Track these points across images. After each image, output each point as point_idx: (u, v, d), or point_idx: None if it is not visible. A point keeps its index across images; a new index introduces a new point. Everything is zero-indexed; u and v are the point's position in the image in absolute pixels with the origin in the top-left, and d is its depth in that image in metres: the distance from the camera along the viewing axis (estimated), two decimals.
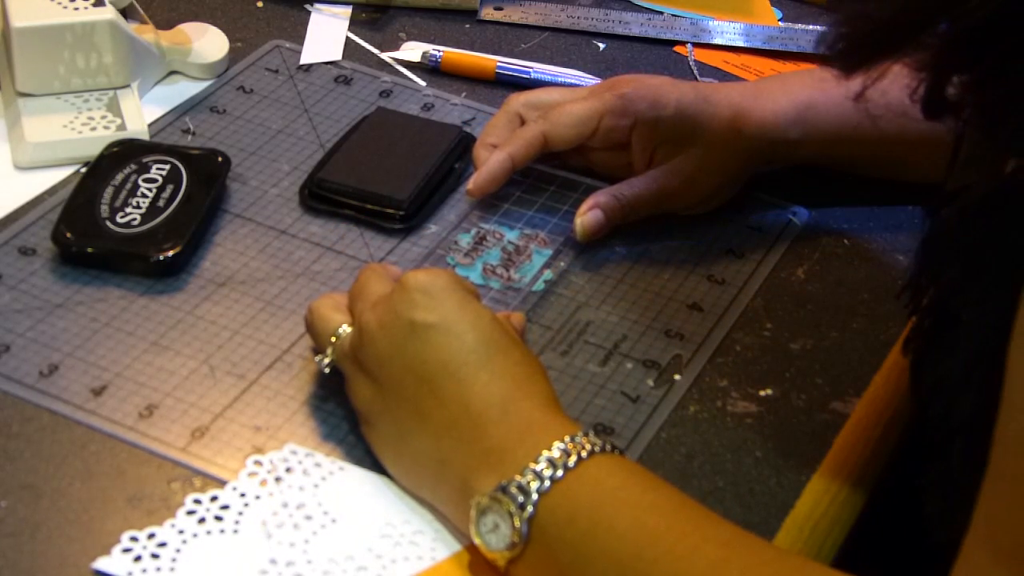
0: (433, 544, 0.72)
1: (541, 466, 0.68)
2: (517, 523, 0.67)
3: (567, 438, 0.69)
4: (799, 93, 0.93)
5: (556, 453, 0.68)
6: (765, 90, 0.94)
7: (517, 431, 0.70)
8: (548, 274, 0.90)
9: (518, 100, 0.95)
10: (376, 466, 0.76)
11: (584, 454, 0.68)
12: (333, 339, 0.77)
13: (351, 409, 0.78)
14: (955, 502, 0.65)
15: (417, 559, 0.71)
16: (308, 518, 0.72)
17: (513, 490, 0.67)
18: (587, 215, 0.91)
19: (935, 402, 0.70)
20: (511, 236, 0.92)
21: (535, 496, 0.67)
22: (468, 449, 0.70)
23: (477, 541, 0.69)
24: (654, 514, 0.67)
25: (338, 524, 0.72)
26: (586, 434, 0.69)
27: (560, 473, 0.67)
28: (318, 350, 0.79)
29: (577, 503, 0.67)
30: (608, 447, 0.69)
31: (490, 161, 0.92)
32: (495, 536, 0.68)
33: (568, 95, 0.95)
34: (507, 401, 0.71)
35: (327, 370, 0.78)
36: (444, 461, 0.71)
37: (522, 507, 0.67)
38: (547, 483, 0.67)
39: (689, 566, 0.64)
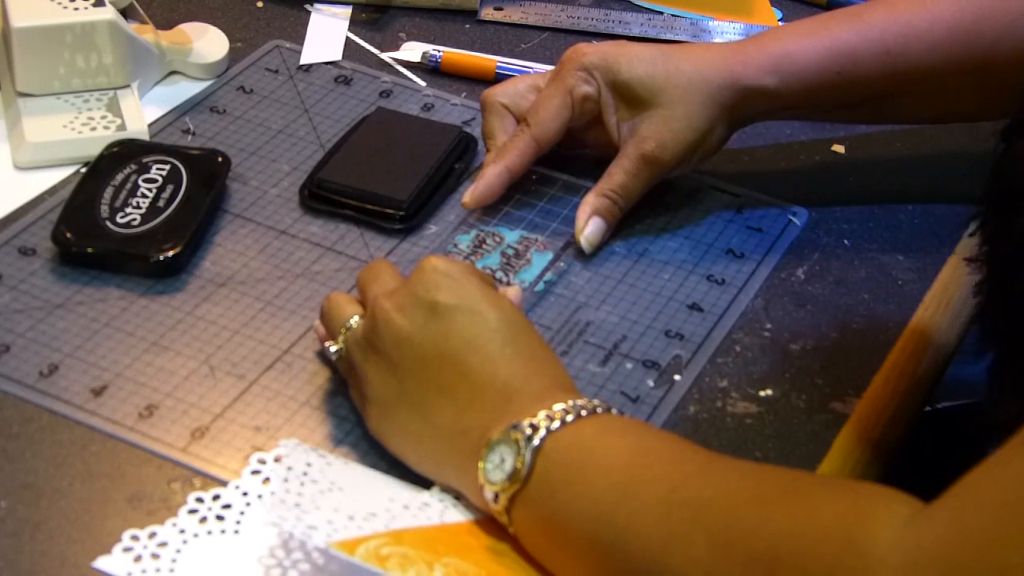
0: (442, 512, 0.72)
1: (556, 412, 0.69)
2: (523, 451, 0.68)
3: (583, 400, 0.70)
4: (772, 46, 0.93)
5: (570, 406, 0.70)
6: (737, 47, 0.94)
7: (539, 397, 0.71)
8: (548, 275, 0.90)
9: (496, 97, 0.95)
10: (379, 465, 0.76)
11: (599, 411, 0.70)
12: (344, 330, 0.77)
13: (352, 409, 0.78)
14: None
15: (426, 519, 0.71)
16: (314, 481, 0.71)
17: (525, 427, 0.69)
18: (588, 227, 0.91)
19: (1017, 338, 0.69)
20: (511, 238, 0.92)
21: (543, 432, 0.68)
22: (491, 415, 0.71)
23: (481, 480, 0.69)
24: (653, 453, 0.68)
25: (345, 492, 0.71)
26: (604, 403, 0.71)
27: (571, 417, 0.69)
28: (330, 337, 0.79)
29: (582, 439, 0.69)
30: (626, 416, 0.71)
31: (488, 174, 0.92)
32: (500, 470, 0.69)
33: (539, 80, 0.95)
34: (531, 374, 0.72)
35: (335, 357, 0.78)
36: (466, 431, 0.72)
37: (529, 439, 0.68)
38: (557, 423, 0.69)
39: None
